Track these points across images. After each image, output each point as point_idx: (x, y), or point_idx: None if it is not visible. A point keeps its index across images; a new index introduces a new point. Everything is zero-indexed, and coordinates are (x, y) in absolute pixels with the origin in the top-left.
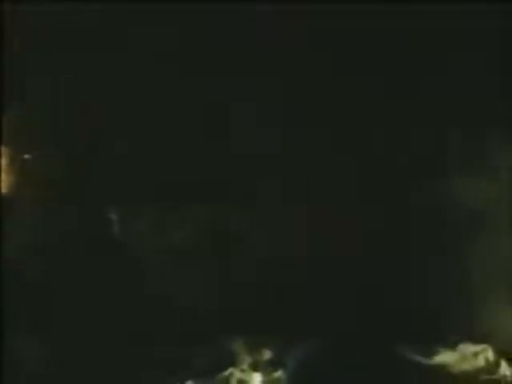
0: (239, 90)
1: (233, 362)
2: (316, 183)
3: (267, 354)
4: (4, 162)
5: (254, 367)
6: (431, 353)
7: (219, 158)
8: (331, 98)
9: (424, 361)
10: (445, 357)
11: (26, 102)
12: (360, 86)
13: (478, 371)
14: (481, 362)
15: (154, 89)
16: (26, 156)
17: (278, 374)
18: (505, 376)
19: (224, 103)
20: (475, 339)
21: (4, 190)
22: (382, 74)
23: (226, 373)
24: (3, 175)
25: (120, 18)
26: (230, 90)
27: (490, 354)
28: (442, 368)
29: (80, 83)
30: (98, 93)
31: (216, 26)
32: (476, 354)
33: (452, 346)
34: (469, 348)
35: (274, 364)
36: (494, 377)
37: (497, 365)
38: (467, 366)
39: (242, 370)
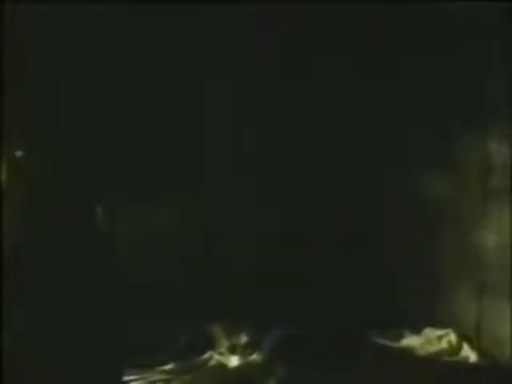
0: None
1: (212, 345)
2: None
3: (244, 338)
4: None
5: (232, 350)
6: (399, 337)
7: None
8: (281, 97)
9: (392, 344)
10: (411, 340)
11: (25, 102)
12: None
13: (442, 353)
14: (444, 344)
15: (142, 89)
16: (18, 153)
17: (254, 356)
18: (466, 358)
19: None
20: (439, 324)
21: None
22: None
23: (206, 355)
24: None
25: (120, 18)
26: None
27: (453, 338)
28: (409, 351)
29: (79, 83)
30: (96, 92)
31: (214, 26)
32: (440, 338)
33: (417, 330)
34: (433, 332)
35: (250, 347)
36: (456, 358)
37: (459, 348)
38: (431, 348)
39: (221, 353)
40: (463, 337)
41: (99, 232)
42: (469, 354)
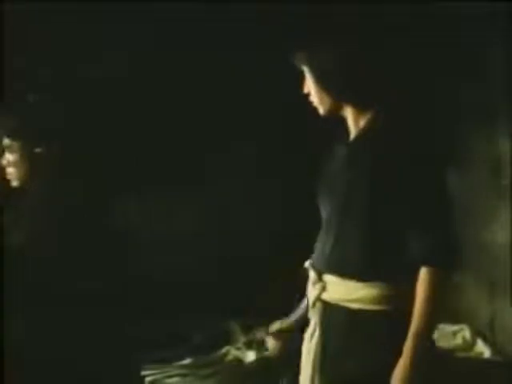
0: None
1: (228, 340)
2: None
3: (260, 334)
4: (14, 156)
5: (248, 346)
6: None
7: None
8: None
9: None
10: None
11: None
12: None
13: (456, 349)
14: (458, 340)
15: (151, 88)
16: (37, 150)
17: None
18: (480, 353)
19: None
20: (453, 320)
21: (14, 183)
22: None
23: (223, 350)
24: (13, 169)
25: (120, 18)
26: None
27: (467, 334)
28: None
29: (80, 82)
30: (96, 92)
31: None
32: (454, 333)
33: None
34: (447, 328)
35: (266, 343)
36: (470, 354)
37: (473, 343)
38: (445, 344)
39: (238, 348)
40: (477, 332)
41: (109, 232)
42: (483, 349)
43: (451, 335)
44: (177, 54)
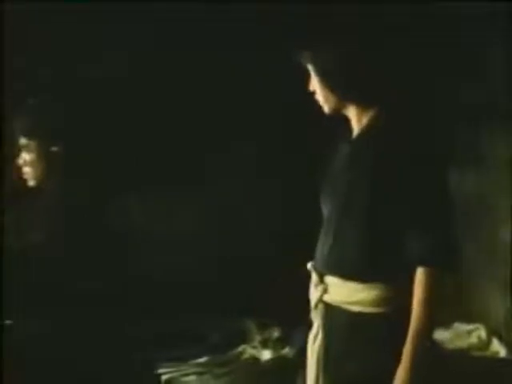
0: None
1: (244, 339)
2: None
3: (276, 333)
4: (31, 155)
5: (264, 344)
6: None
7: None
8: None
9: None
10: (440, 335)
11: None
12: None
13: (471, 348)
14: (473, 339)
15: (151, 88)
16: (53, 149)
17: (286, 350)
18: (496, 353)
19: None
20: (469, 319)
21: (31, 183)
22: None
23: (239, 349)
24: (30, 168)
25: (120, 18)
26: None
27: (483, 333)
28: (438, 345)
29: (80, 82)
30: (98, 91)
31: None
32: (469, 333)
33: (447, 324)
34: (463, 327)
35: (282, 341)
36: (485, 353)
37: (488, 342)
38: (461, 343)
39: (253, 347)
40: (493, 332)
41: (109, 232)
42: (498, 348)
43: (467, 334)
44: (177, 53)
